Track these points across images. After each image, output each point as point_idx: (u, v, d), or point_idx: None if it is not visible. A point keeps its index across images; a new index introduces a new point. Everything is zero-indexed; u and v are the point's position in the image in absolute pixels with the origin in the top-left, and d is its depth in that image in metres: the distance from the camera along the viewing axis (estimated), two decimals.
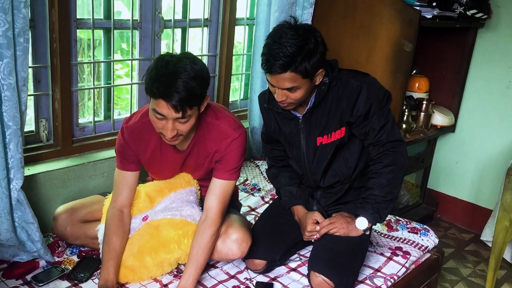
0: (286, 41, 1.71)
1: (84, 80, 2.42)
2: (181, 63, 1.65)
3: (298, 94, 1.80)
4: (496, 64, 3.33)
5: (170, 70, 1.62)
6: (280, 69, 1.72)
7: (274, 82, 1.79)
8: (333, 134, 1.93)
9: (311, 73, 1.77)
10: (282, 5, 2.68)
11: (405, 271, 2.12)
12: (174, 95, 1.61)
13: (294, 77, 1.74)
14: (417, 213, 3.55)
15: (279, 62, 1.71)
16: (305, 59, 1.72)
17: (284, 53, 1.70)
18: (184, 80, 1.62)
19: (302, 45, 1.72)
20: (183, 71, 1.63)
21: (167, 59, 1.66)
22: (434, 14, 2.79)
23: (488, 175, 3.46)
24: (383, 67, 2.81)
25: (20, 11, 1.71)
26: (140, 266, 1.86)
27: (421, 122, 3.25)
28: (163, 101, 1.63)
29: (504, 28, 3.26)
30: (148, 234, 1.90)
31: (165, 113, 1.66)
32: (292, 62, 1.71)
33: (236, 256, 1.93)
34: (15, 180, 1.84)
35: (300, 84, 1.77)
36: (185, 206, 1.96)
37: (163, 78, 1.61)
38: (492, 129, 3.40)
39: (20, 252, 1.93)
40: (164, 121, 1.69)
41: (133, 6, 2.38)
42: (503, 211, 2.67)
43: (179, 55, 1.70)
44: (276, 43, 1.73)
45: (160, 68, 1.64)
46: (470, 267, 3.12)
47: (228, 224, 1.94)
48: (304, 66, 1.72)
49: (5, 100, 1.74)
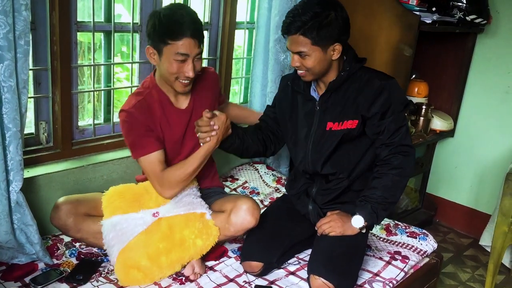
0: (308, 5, 1.82)
1: (84, 83, 2.42)
2: (184, 5, 1.93)
3: (310, 62, 1.87)
4: (495, 69, 3.34)
5: (187, 11, 1.84)
6: (290, 28, 1.83)
7: (288, 44, 1.89)
8: (345, 122, 1.95)
9: (321, 41, 1.83)
10: (282, 9, 2.68)
11: (404, 275, 2.12)
12: (197, 30, 1.82)
13: (303, 41, 1.83)
14: (416, 217, 3.55)
15: (292, 22, 1.82)
16: (316, 27, 1.80)
17: (299, 15, 1.80)
18: (195, 16, 1.84)
19: (318, 13, 1.80)
20: (190, 11, 1.86)
21: (172, 6, 1.92)
22: (434, 19, 2.80)
23: (487, 180, 3.46)
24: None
25: (21, 14, 1.71)
26: (153, 266, 1.87)
27: (420, 127, 3.26)
28: (190, 38, 1.80)
29: (504, 34, 3.27)
30: (162, 233, 1.91)
31: (189, 51, 1.82)
32: (303, 24, 1.80)
33: (252, 224, 1.95)
34: (15, 182, 1.84)
35: (309, 51, 1.84)
36: (194, 200, 2.01)
37: (185, 18, 1.80)
38: (491, 134, 3.41)
39: (19, 254, 1.93)
40: (185, 63, 1.85)
41: (134, 9, 2.39)
42: (502, 216, 2.67)
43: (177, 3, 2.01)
44: (299, 5, 1.85)
45: (173, 11, 1.83)
46: (469, 272, 3.12)
47: (234, 199, 2.02)
48: (314, 33, 1.80)
49: (5, 102, 1.74)
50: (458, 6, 2.95)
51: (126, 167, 2.39)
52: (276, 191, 2.76)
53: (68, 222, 1.95)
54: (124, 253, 1.89)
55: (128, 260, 1.87)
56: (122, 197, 2.01)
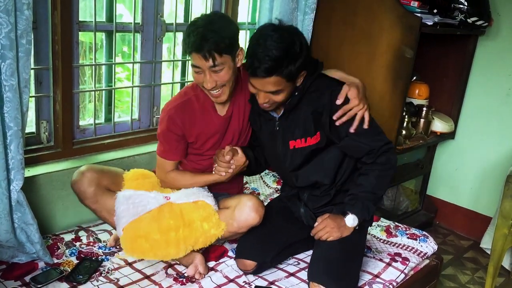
0: (271, 44, 1.69)
1: (85, 82, 2.42)
2: (209, 18, 1.84)
3: (281, 96, 1.80)
4: (496, 72, 3.34)
5: (198, 25, 1.79)
6: (265, 73, 1.71)
7: (258, 85, 1.77)
8: (308, 139, 1.92)
9: (295, 75, 1.78)
10: (284, 10, 2.69)
11: (404, 277, 2.12)
12: (203, 44, 1.75)
13: (278, 81, 1.74)
14: (416, 219, 3.55)
15: (265, 65, 1.69)
16: (290, 63, 1.71)
17: (270, 57, 1.69)
18: (211, 30, 1.76)
19: (287, 48, 1.70)
20: (210, 22, 1.79)
21: (195, 20, 1.84)
22: (435, 21, 2.80)
23: (488, 182, 3.46)
24: (384, 74, 2.82)
25: (23, 13, 1.71)
26: (161, 240, 1.89)
27: (420, 129, 3.26)
28: (195, 53, 1.78)
29: (505, 36, 3.27)
30: (173, 213, 1.94)
31: (199, 64, 1.80)
32: (278, 66, 1.70)
33: (256, 221, 1.95)
34: (15, 181, 1.84)
35: (283, 87, 1.77)
36: (204, 193, 2.03)
37: (192, 33, 1.77)
38: (492, 136, 3.41)
39: (19, 253, 1.93)
40: (202, 74, 1.82)
41: (135, 9, 2.39)
42: (502, 218, 2.67)
43: (207, 14, 1.91)
44: (261, 46, 1.71)
45: (191, 25, 1.81)
46: (469, 274, 3.12)
47: (239, 196, 2.03)
48: (289, 70, 1.72)
49: (7, 101, 1.74)
50: (459, 8, 2.95)
51: (126, 166, 2.38)
52: (277, 192, 2.77)
53: (89, 191, 1.94)
54: (134, 224, 1.91)
55: (138, 230, 1.90)
56: (145, 178, 2.05)
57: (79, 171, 1.95)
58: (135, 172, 2.06)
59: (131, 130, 2.55)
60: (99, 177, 1.96)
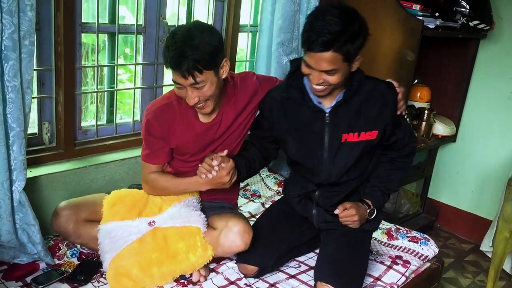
0: (331, 18, 1.63)
1: (88, 83, 2.43)
2: (189, 31, 1.74)
3: (336, 78, 1.71)
4: (498, 75, 3.34)
5: (176, 39, 1.71)
6: (322, 46, 1.63)
7: (313, 63, 1.68)
8: (362, 134, 1.88)
9: (352, 56, 1.70)
10: (286, 12, 2.69)
11: (405, 280, 2.12)
12: (181, 62, 1.69)
13: (335, 58, 1.65)
14: (417, 222, 3.55)
15: (323, 38, 1.62)
16: (349, 40, 1.64)
17: (328, 30, 1.61)
18: (190, 46, 1.69)
19: (347, 25, 1.64)
20: (189, 37, 1.71)
21: (175, 31, 1.76)
22: (437, 24, 2.80)
23: (489, 185, 3.46)
24: (385, 76, 2.77)
25: (26, 14, 1.72)
26: (144, 276, 1.84)
27: (422, 132, 3.26)
28: (174, 70, 1.74)
29: (506, 39, 3.27)
30: (156, 244, 1.89)
31: (179, 81, 1.76)
32: (336, 40, 1.62)
33: (240, 248, 1.91)
34: (17, 182, 1.84)
35: (339, 67, 1.69)
36: (192, 212, 1.97)
37: (170, 47, 1.71)
38: (493, 139, 3.41)
39: (20, 254, 1.93)
40: (183, 90, 1.79)
41: (138, 11, 2.39)
42: (503, 222, 2.67)
43: (187, 25, 1.85)
44: (320, 20, 1.64)
45: (168, 39, 1.75)
46: (470, 278, 3.12)
47: (227, 218, 1.95)
48: (347, 48, 1.65)
49: (10, 102, 1.75)
50: (461, 11, 2.96)
51: (128, 168, 2.40)
52: (278, 194, 2.76)
53: (69, 229, 1.92)
54: (116, 260, 1.86)
55: (119, 268, 1.84)
56: (121, 202, 1.97)
57: (54, 212, 1.92)
58: (113, 196, 1.98)
59: (133, 132, 2.55)
60: (75, 212, 1.92)
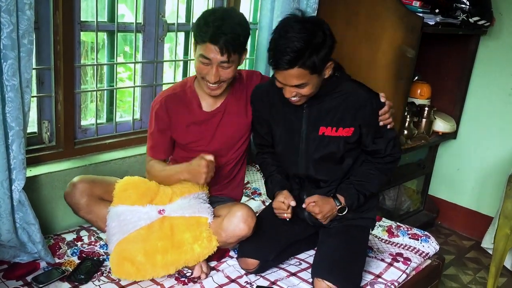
0: (293, 35, 1.67)
1: (87, 82, 2.43)
2: (228, 11, 1.85)
3: (307, 89, 1.77)
4: (498, 71, 3.33)
5: (217, 16, 1.78)
6: (287, 64, 1.68)
7: (281, 79, 1.75)
8: (340, 129, 1.90)
9: (319, 67, 1.73)
10: (285, 10, 2.68)
11: (405, 277, 2.11)
12: (221, 37, 1.75)
13: (302, 73, 1.70)
14: (418, 219, 3.55)
15: (286, 57, 1.66)
16: (313, 53, 1.68)
17: (291, 48, 1.66)
18: (230, 24, 1.77)
19: (309, 39, 1.67)
20: (229, 17, 1.79)
21: (213, 9, 1.88)
22: (437, 21, 2.80)
23: (489, 182, 3.46)
24: (386, 73, 2.82)
25: (25, 13, 1.71)
26: (147, 263, 1.85)
27: (422, 129, 3.25)
28: (210, 44, 1.76)
29: (507, 36, 3.26)
30: (163, 233, 1.90)
31: (211, 57, 1.79)
32: (299, 57, 1.66)
33: (243, 232, 1.90)
34: (17, 181, 1.84)
35: (308, 80, 1.73)
36: (201, 204, 2.00)
37: (211, 23, 1.76)
38: (493, 136, 3.41)
39: (20, 253, 1.93)
40: (209, 66, 1.82)
41: (137, 9, 2.39)
42: (504, 218, 2.67)
43: (226, 8, 1.99)
44: (283, 37, 1.69)
45: (208, 15, 1.81)
46: (471, 274, 3.12)
47: (230, 206, 1.99)
48: (312, 61, 1.68)
49: (9, 101, 1.74)
50: (461, 8, 2.95)
51: (128, 166, 2.39)
52: None
53: (82, 202, 1.94)
54: (121, 244, 1.87)
55: (124, 251, 1.86)
56: (134, 188, 1.98)
57: (71, 183, 1.95)
58: (126, 181, 2.00)
59: (132, 130, 2.55)
60: (91, 187, 1.95)
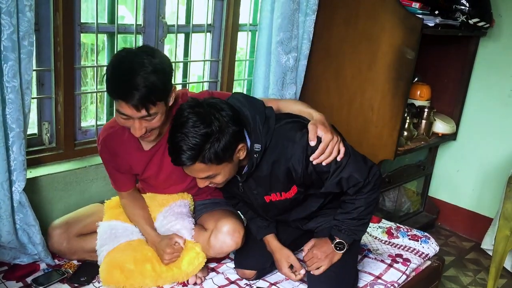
0: (188, 129, 1.53)
1: (87, 84, 2.43)
2: (137, 58, 1.55)
3: (220, 178, 1.65)
4: (498, 73, 3.34)
5: (125, 68, 1.54)
6: (184, 161, 1.56)
7: (189, 173, 1.65)
8: (283, 193, 1.80)
9: (226, 156, 1.59)
10: (285, 11, 2.69)
11: (405, 278, 2.12)
12: (133, 94, 1.52)
13: (206, 167, 1.59)
14: (417, 220, 3.55)
15: (185, 156, 1.55)
16: (213, 147, 1.54)
17: (187, 146, 1.53)
18: (142, 76, 1.52)
19: (206, 133, 1.53)
20: (140, 65, 1.53)
21: (122, 55, 1.57)
22: (437, 23, 2.80)
23: (489, 183, 3.46)
24: (385, 75, 2.82)
25: (25, 15, 1.72)
26: (136, 271, 1.84)
27: (422, 130, 3.25)
28: (122, 102, 1.55)
29: (506, 37, 3.27)
30: (151, 249, 1.91)
31: (128, 113, 1.59)
32: (197, 153, 1.54)
33: (231, 248, 1.89)
34: (17, 182, 1.84)
35: (216, 171, 1.62)
36: (176, 220, 1.94)
37: (119, 77, 1.54)
38: (493, 137, 3.41)
39: (21, 254, 1.93)
40: (130, 120, 1.62)
41: (137, 11, 2.39)
42: (504, 219, 2.66)
43: (135, 50, 1.62)
44: (178, 133, 1.55)
45: (116, 66, 1.57)
46: (471, 276, 3.12)
47: (217, 218, 1.93)
48: (214, 151, 1.55)
49: (9, 102, 1.75)
50: (461, 9, 2.95)
51: None
52: None
53: (62, 248, 1.95)
54: (111, 253, 1.87)
55: (114, 259, 1.85)
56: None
57: (47, 233, 1.95)
58: (114, 203, 2.03)
59: None
60: (66, 230, 1.95)
